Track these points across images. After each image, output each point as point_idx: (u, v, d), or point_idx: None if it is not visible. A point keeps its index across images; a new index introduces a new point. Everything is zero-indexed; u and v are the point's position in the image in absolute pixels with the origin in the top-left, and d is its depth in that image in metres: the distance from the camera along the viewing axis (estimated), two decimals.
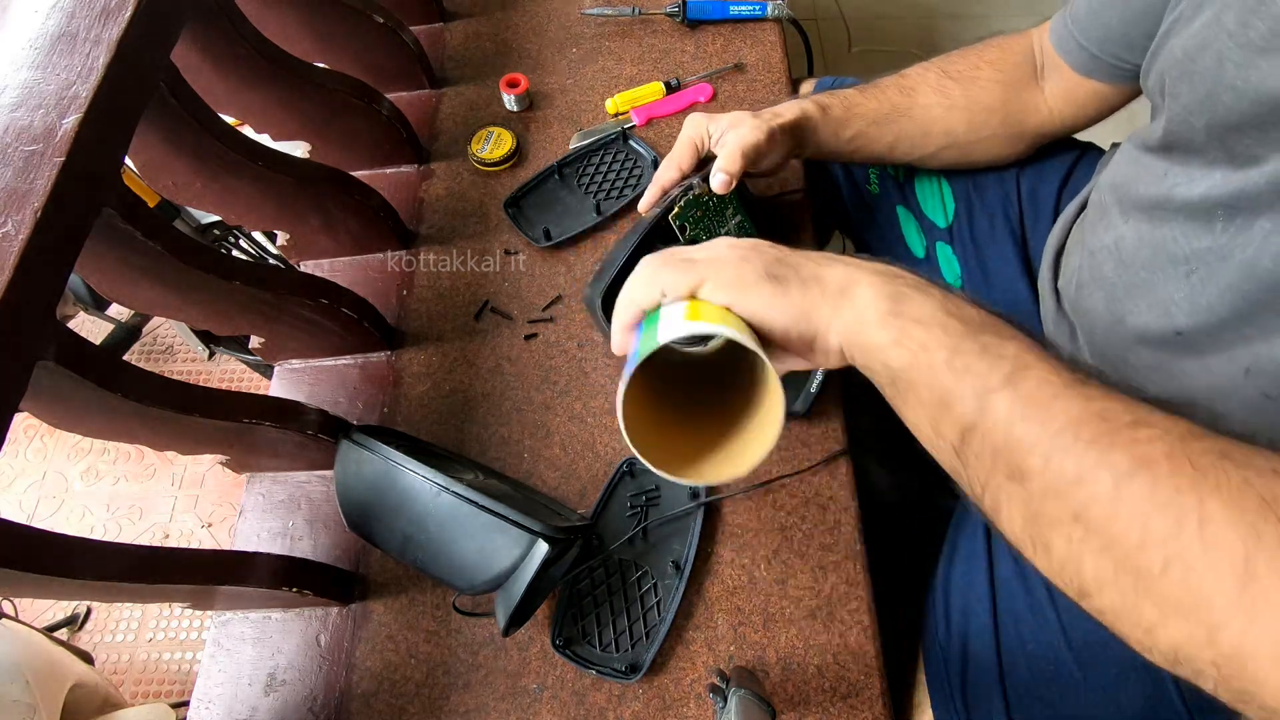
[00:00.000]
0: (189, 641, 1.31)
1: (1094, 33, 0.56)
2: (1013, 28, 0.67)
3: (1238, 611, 0.24)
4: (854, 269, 0.37)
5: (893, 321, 0.35)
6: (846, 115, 0.63)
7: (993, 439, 0.31)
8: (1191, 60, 0.42)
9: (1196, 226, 0.45)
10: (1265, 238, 0.40)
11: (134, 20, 0.44)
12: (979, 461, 0.32)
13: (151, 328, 1.59)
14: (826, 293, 0.37)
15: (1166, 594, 0.26)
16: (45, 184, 0.38)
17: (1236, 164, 0.41)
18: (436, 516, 0.52)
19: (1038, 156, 0.70)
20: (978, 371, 0.32)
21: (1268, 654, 0.23)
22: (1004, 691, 0.55)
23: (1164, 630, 0.26)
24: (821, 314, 0.37)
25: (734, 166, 0.58)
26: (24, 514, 1.43)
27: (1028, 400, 0.30)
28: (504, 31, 0.91)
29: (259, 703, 0.58)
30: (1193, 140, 0.44)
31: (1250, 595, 0.24)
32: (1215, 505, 0.25)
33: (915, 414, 0.35)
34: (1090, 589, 0.28)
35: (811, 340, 0.38)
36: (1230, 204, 0.42)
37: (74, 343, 0.41)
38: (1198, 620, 0.25)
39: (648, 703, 0.55)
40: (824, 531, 0.59)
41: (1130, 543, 0.26)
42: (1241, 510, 0.25)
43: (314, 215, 0.70)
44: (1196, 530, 0.25)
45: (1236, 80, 0.39)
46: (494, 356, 0.70)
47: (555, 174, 0.78)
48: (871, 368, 0.36)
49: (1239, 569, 0.24)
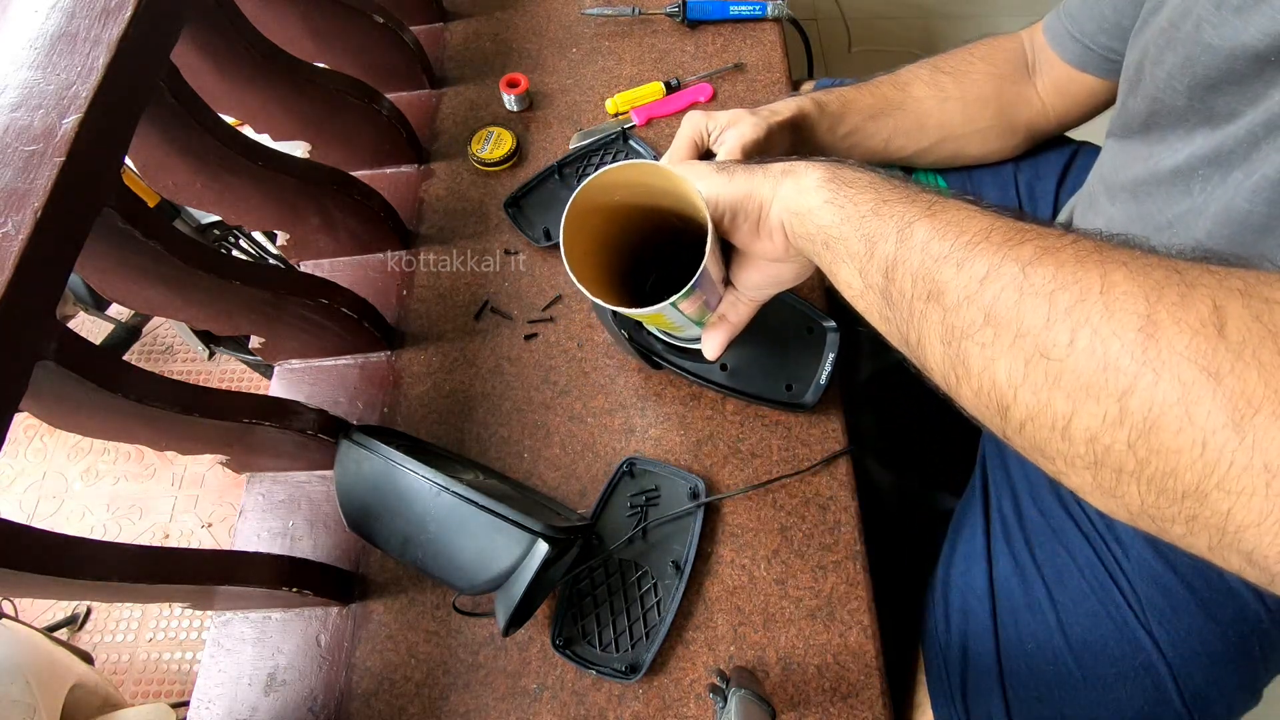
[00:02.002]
0: (189, 641, 1.31)
1: (1087, 25, 0.58)
2: (1011, 28, 0.67)
3: (1144, 367, 0.23)
4: (799, 159, 0.40)
5: (827, 186, 0.38)
6: (842, 111, 0.64)
7: (911, 264, 0.32)
8: (1175, 28, 0.44)
9: (1176, 193, 0.47)
10: (1239, 185, 0.42)
11: (134, 20, 0.44)
12: (901, 296, 0.33)
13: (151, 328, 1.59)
14: (770, 173, 0.40)
15: (1075, 371, 0.25)
16: (45, 184, 0.38)
17: (1216, 124, 0.43)
18: (436, 516, 0.52)
19: (1034, 154, 0.70)
20: (900, 212, 0.34)
21: (1175, 403, 0.22)
22: (1004, 691, 0.55)
23: (1078, 421, 0.25)
24: (763, 190, 0.40)
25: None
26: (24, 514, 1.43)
27: (946, 222, 0.31)
28: (504, 31, 0.91)
29: (259, 703, 0.58)
30: (1175, 106, 0.46)
31: (1155, 345, 0.23)
32: (1119, 274, 0.25)
33: (846, 270, 0.37)
34: (1006, 396, 0.28)
35: (757, 219, 0.41)
36: (1210, 160, 0.44)
37: (74, 343, 0.41)
38: (1107, 393, 0.24)
39: (648, 703, 0.55)
40: (824, 531, 0.60)
41: (1037, 324, 0.26)
42: (1146, 273, 0.24)
43: (314, 215, 0.70)
44: (1099, 295, 0.25)
45: (1213, 39, 0.41)
46: (494, 356, 0.70)
47: (555, 174, 0.78)
48: (807, 234, 0.39)
49: (1142, 321, 0.24)
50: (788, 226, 0.40)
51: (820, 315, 0.63)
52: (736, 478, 0.62)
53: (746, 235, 0.42)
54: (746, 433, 0.64)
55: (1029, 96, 0.65)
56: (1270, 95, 0.39)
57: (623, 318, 0.59)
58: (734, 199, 0.40)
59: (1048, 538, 0.57)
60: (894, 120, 0.65)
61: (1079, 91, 0.62)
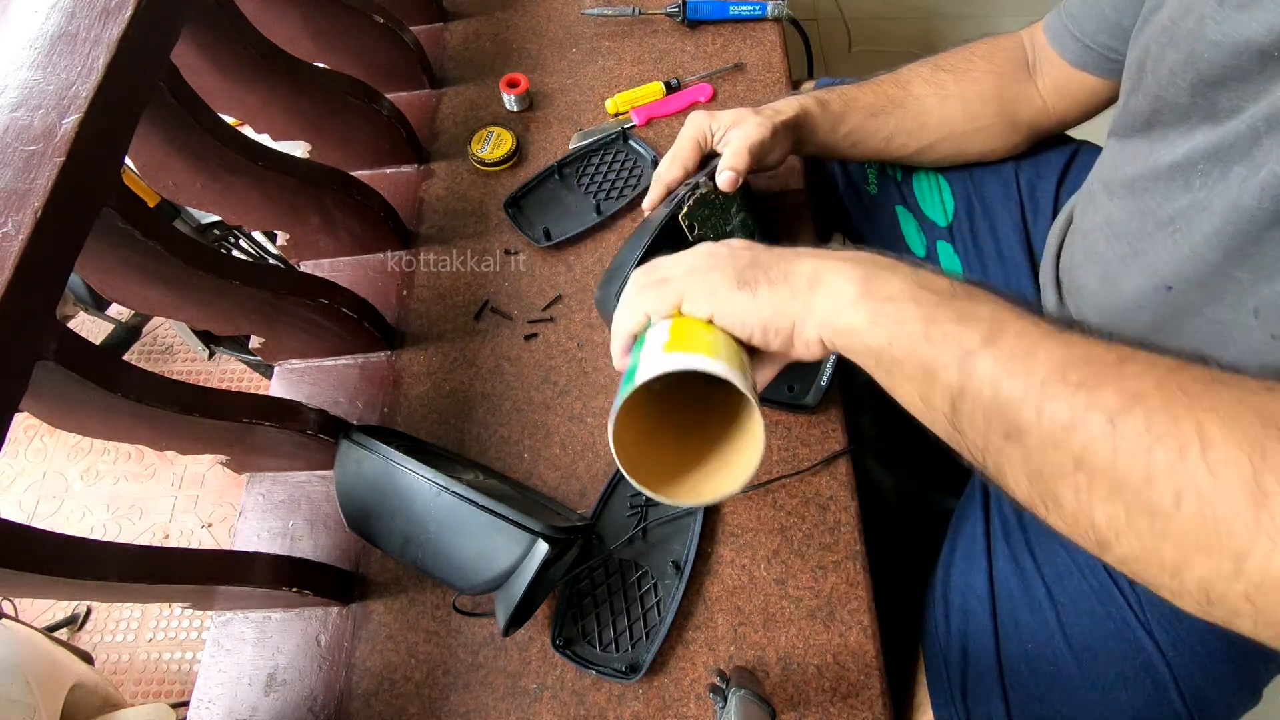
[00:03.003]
0: (189, 641, 1.31)
1: (1087, 24, 0.58)
2: (1011, 28, 0.67)
3: (1259, 533, 0.23)
4: (821, 259, 0.38)
5: (865, 303, 0.35)
6: (844, 109, 0.64)
7: (982, 401, 0.31)
8: (1176, 25, 0.44)
9: (1176, 187, 0.47)
10: (1243, 181, 0.41)
11: (134, 20, 0.44)
12: (973, 427, 0.32)
13: (151, 328, 1.59)
14: (796, 288, 0.38)
15: (1184, 529, 0.25)
16: (45, 184, 0.38)
17: (1218, 119, 0.43)
18: (436, 516, 0.52)
19: (1035, 153, 0.70)
20: (955, 337, 0.32)
21: None
22: (1004, 691, 0.55)
23: (1189, 570, 0.25)
24: (794, 309, 0.37)
25: (741, 163, 0.59)
26: (24, 514, 1.43)
27: (1010, 355, 0.30)
28: (504, 31, 0.91)
29: (259, 703, 0.58)
30: (1177, 104, 0.45)
31: (1269, 513, 0.23)
32: (1214, 428, 0.25)
33: (904, 390, 0.35)
34: (1108, 538, 0.27)
35: (789, 336, 0.38)
36: (1211, 155, 0.44)
37: (74, 343, 0.41)
38: (1221, 551, 0.24)
39: (648, 703, 0.55)
40: (824, 531, 0.60)
41: (1136, 480, 0.26)
42: (1242, 428, 0.24)
43: (314, 215, 0.70)
44: (1200, 455, 0.24)
45: (1216, 35, 0.41)
46: (494, 356, 0.70)
47: (555, 174, 0.78)
48: (854, 350, 0.37)
49: (1250, 488, 0.23)
50: (829, 342, 0.38)
51: None
52: None
53: (779, 347, 0.40)
54: None
55: (1030, 95, 0.65)
56: (1273, 90, 0.39)
57: None
58: (763, 322, 0.38)
59: (1048, 538, 0.57)
60: (895, 118, 0.65)
61: (1079, 90, 0.62)
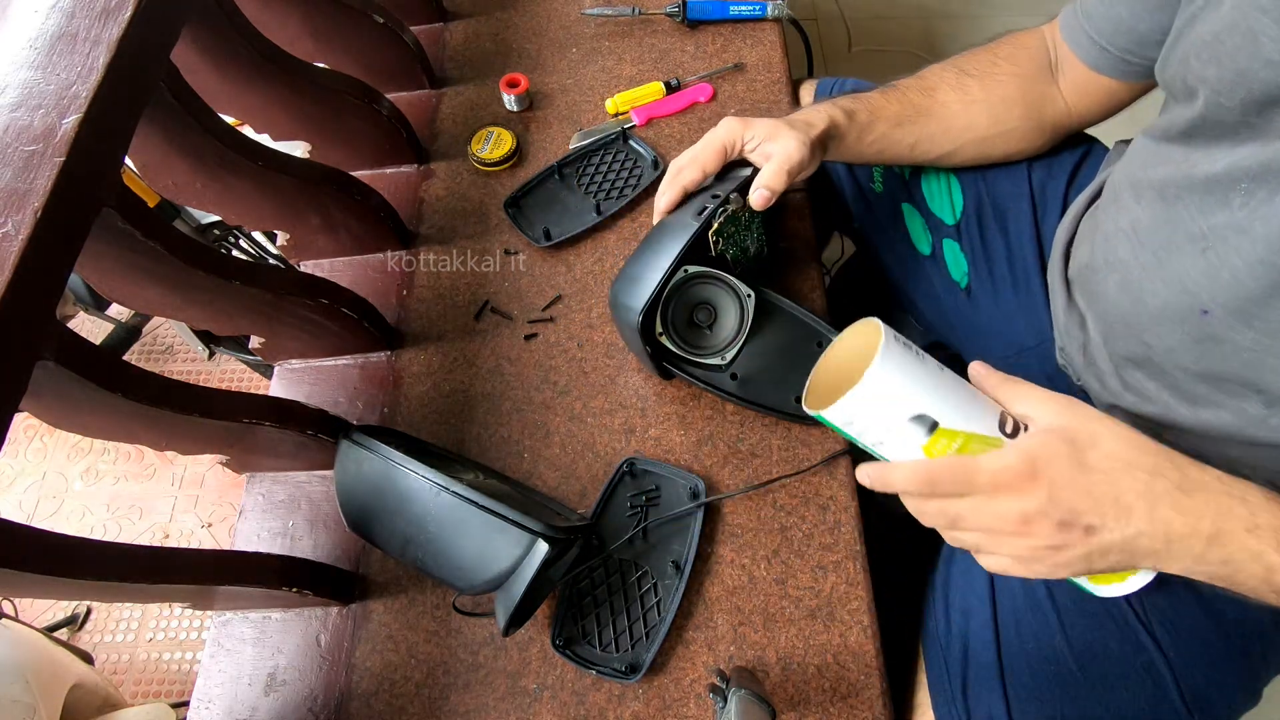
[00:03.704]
0: (189, 641, 1.31)
1: (1105, 26, 0.57)
2: (1011, 28, 0.67)
3: None
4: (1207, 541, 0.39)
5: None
6: (870, 119, 0.63)
7: None
8: (1220, 42, 0.43)
9: (1212, 201, 0.45)
10: None
11: (134, 20, 0.44)
12: None
13: (151, 328, 1.59)
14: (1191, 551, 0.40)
15: None
16: (45, 184, 0.38)
17: (1269, 139, 0.42)
18: (436, 516, 0.52)
19: (1049, 152, 0.70)
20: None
21: None
22: (1004, 691, 0.55)
23: None
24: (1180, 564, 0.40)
25: (780, 185, 0.58)
26: (24, 514, 1.43)
27: None
28: (504, 31, 0.91)
29: (259, 703, 0.58)
30: (1223, 121, 0.44)
31: None
32: None
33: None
34: None
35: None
36: (1256, 175, 0.42)
37: (74, 343, 0.41)
38: None
39: (648, 703, 0.55)
40: (824, 531, 0.60)
41: None
42: None
43: (314, 215, 0.70)
44: None
45: (1274, 54, 0.39)
46: (494, 356, 0.70)
47: (555, 174, 0.78)
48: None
49: None
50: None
51: (828, 329, 0.64)
52: (736, 478, 0.62)
53: None
54: (746, 433, 0.64)
55: (1053, 96, 0.64)
56: None
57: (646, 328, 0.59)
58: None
59: None
60: (920, 126, 0.64)
61: (1098, 91, 0.61)
